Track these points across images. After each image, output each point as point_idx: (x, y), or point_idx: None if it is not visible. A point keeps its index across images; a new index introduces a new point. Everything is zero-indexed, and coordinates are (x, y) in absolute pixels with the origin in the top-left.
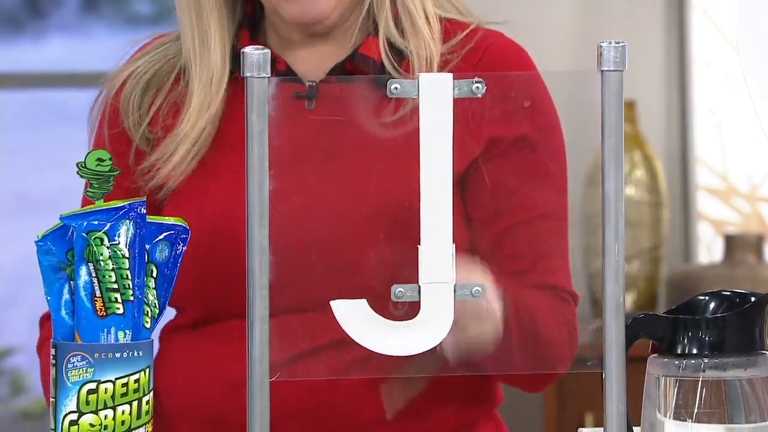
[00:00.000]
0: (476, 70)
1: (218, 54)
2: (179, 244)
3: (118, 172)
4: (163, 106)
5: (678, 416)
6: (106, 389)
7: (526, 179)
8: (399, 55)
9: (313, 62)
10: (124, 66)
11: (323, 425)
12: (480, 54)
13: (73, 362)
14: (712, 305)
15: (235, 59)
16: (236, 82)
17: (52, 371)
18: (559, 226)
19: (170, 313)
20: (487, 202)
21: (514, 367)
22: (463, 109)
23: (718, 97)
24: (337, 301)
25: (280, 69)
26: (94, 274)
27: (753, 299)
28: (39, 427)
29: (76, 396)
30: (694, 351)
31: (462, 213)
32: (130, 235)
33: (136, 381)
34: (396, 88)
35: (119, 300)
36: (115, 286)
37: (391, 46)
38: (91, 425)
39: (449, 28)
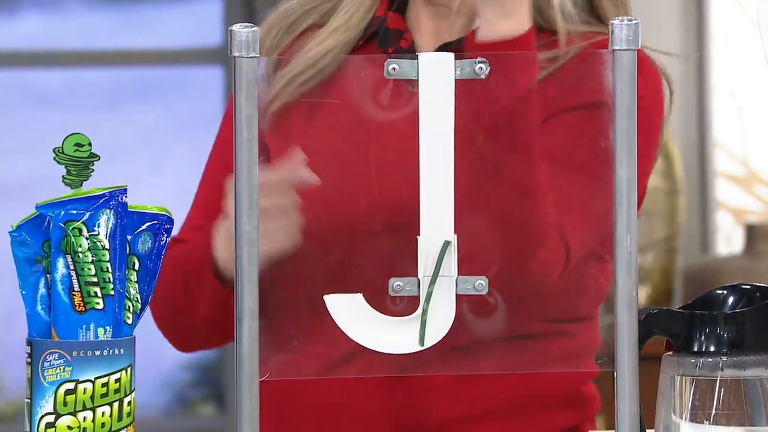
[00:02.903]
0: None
1: (359, 17)
2: (163, 235)
3: (97, 158)
4: (295, 43)
5: (694, 418)
6: (85, 389)
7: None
8: None
9: (434, 41)
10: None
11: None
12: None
13: (50, 361)
14: (731, 300)
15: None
16: (362, 50)
17: (27, 370)
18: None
19: None
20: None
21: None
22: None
23: (739, 77)
24: (331, 295)
25: (403, 45)
26: (72, 267)
27: None
28: (12, 430)
29: (53, 397)
30: (712, 348)
31: None
32: (110, 225)
33: (117, 381)
34: (394, 68)
35: (99, 294)
36: (95, 279)
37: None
38: (69, 428)
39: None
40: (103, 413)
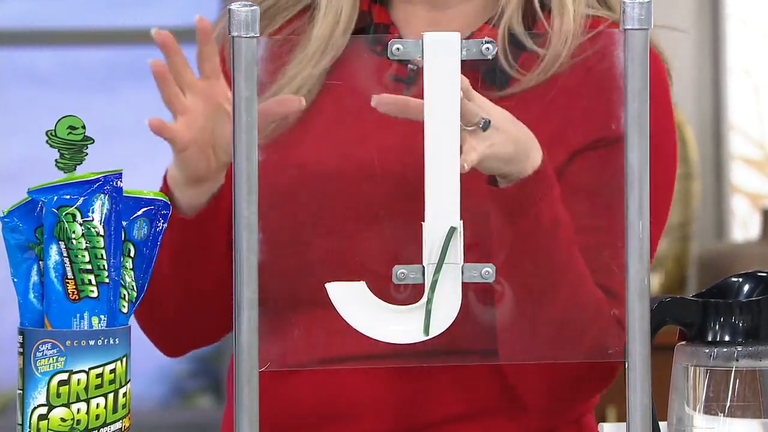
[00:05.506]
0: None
1: (346, 10)
2: (159, 221)
3: (91, 142)
4: (284, 29)
5: (708, 410)
6: (78, 380)
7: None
8: (518, 47)
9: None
10: None
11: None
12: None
13: (43, 351)
14: (746, 287)
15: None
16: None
17: (19, 360)
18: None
19: None
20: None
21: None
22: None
23: (755, 57)
24: (333, 283)
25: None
26: (65, 254)
27: None
28: (3, 422)
29: (45, 388)
30: (727, 338)
31: None
32: (105, 210)
33: (112, 371)
34: (398, 49)
35: (93, 282)
36: (89, 267)
37: (512, 38)
38: (63, 420)
39: (589, 26)
40: (97, 405)
